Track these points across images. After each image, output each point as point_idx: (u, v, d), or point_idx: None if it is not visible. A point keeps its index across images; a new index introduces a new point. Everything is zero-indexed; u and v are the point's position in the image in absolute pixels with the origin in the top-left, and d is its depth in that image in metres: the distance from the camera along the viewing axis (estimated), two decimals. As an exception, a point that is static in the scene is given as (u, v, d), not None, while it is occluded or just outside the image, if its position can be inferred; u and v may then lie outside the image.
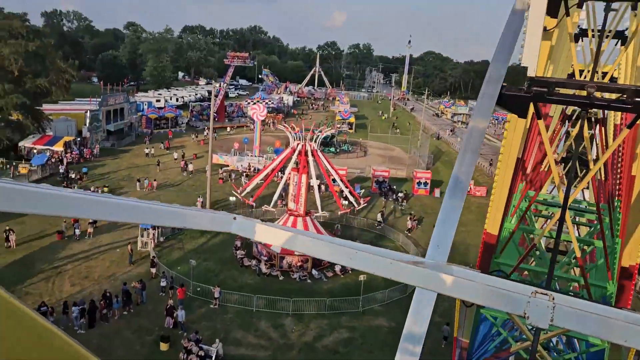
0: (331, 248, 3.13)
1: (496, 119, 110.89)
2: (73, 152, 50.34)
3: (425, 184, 47.88)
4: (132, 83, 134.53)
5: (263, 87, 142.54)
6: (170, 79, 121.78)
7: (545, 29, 4.95)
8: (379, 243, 35.25)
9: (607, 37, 6.97)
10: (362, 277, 26.54)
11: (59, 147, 49.62)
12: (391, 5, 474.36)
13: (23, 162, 45.37)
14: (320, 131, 31.78)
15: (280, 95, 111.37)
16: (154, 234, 31.31)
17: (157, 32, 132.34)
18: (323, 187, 41.24)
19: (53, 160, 47.89)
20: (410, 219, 38.61)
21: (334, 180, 31.86)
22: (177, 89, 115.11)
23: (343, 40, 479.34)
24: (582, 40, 10.52)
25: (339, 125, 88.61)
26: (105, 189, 41.86)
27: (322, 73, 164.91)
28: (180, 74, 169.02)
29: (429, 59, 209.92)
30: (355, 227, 38.03)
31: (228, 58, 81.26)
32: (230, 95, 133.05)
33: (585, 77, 8.25)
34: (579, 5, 5.68)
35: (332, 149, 65.28)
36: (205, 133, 73.10)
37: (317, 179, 32.25)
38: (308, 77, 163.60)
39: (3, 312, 1.87)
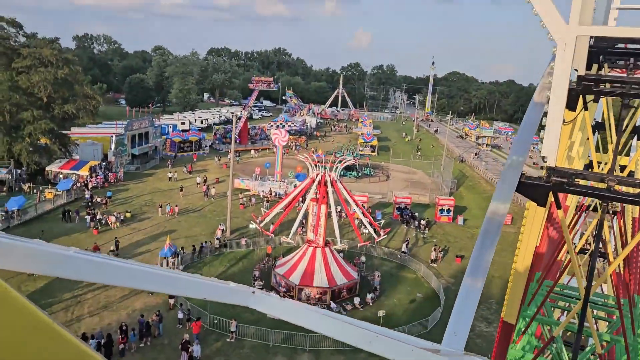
0: (351, 331, 3.40)
1: (506, 134, 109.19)
2: (98, 177, 51.11)
3: (448, 211, 46.98)
4: (159, 105, 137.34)
5: (286, 109, 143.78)
6: (195, 101, 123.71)
7: (564, 121, 4.68)
8: (399, 274, 34.53)
9: (624, 130, 6.58)
10: (381, 312, 25.86)
11: (84, 172, 50.49)
12: (416, 25, 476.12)
13: (49, 187, 46.20)
14: (341, 161, 31.47)
15: (303, 118, 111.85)
16: (173, 263, 31.24)
17: (183, 55, 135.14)
18: (343, 214, 40.78)
19: (78, 184, 48.70)
20: (435, 249, 37.67)
21: (353, 210, 31.38)
22: (201, 111, 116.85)
23: (367, 60, 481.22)
24: (599, 133, 10.14)
25: (361, 149, 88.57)
26: (128, 215, 42.29)
27: (345, 94, 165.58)
28: (206, 96, 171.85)
29: (453, 79, 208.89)
30: (377, 256, 37.37)
31: (252, 82, 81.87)
32: (254, 117, 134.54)
33: (602, 169, 7.94)
34: (596, 100, 5.41)
35: (355, 173, 64.93)
36: (228, 157, 73.71)
37: (336, 205, 31.81)
38: (331, 99, 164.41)
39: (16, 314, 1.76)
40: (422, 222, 44.11)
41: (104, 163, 54.61)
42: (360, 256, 33.95)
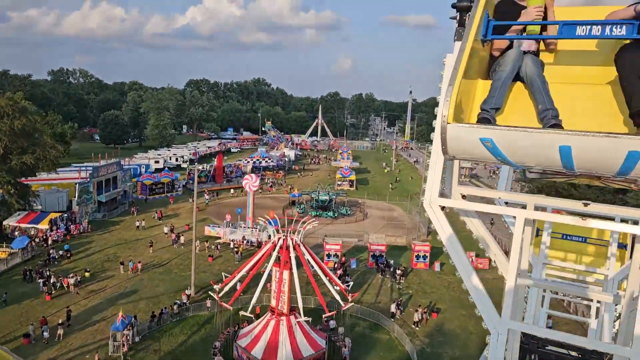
0: None
1: (499, 168, 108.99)
2: (58, 230, 48.70)
3: (424, 257, 45.44)
4: (135, 140, 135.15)
5: (266, 141, 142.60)
6: (172, 136, 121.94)
7: None
8: (372, 335, 32.62)
9: None
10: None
11: (44, 225, 48.10)
12: (395, 50, 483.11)
13: (4, 245, 43.66)
14: (304, 224, 29.81)
15: (281, 152, 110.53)
16: (127, 336, 28.97)
17: (158, 90, 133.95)
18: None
19: (37, 240, 46.26)
20: (418, 310, 35.21)
21: (318, 274, 29.56)
22: (177, 147, 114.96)
23: (347, 88, 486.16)
24: None
25: (339, 183, 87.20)
26: (87, 274, 39.92)
27: (324, 124, 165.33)
28: (185, 128, 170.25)
29: (432, 104, 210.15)
30: (350, 314, 35.41)
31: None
32: (232, 150, 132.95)
33: None
34: None
35: (331, 214, 63.32)
36: (205, 197, 71.70)
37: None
38: (311, 129, 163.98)
39: None
40: (398, 271, 42.42)
41: (66, 215, 52.24)
42: (329, 320, 31.94)
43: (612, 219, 5.06)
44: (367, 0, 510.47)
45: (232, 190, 77.36)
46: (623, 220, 5.97)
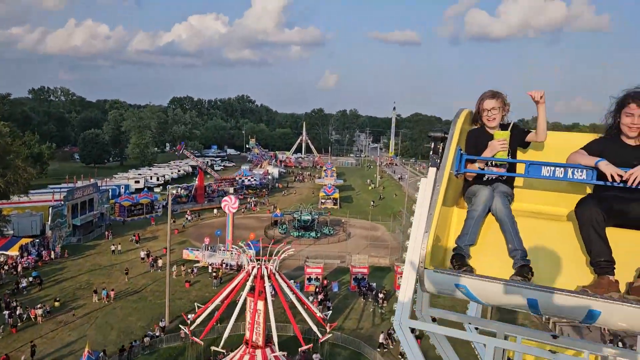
0: None
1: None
2: (29, 256, 46.94)
3: (408, 279, 44.42)
4: (117, 159, 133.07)
5: (250, 158, 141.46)
6: (154, 155, 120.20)
7: None
8: (353, 365, 31.46)
9: None
10: None
11: (13, 252, 46.33)
12: (379, 66, 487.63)
13: (-30, 274, 41.87)
14: (278, 253, 28.78)
15: (264, 170, 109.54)
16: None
17: (140, 108, 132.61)
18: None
19: (6, 268, 44.47)
20: (383, 332, 34.38)
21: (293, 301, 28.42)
22: (159, 166, 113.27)
23: (332, 103, 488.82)
24: None
25: (323, 201, 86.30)
26: (56, 304, 38.26)
27: (309, 141, 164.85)
28: (168, 146, 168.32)
29: (416, 120, 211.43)
30: (330, 341, 34.25)
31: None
32: (215, 168, 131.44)
33: None
34: None
35: (313, 234, 62.29)
36: (186, 217, 70.26)
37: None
38: (295, 146, 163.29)
39: None
40: (380, 294, 41.39)
41: (37, 240, 50.48)
42: (310, 353, 30.67)
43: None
44: (350, 17, 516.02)
45: (215, 210, 75.86)
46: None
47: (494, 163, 4.10)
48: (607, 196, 3.49)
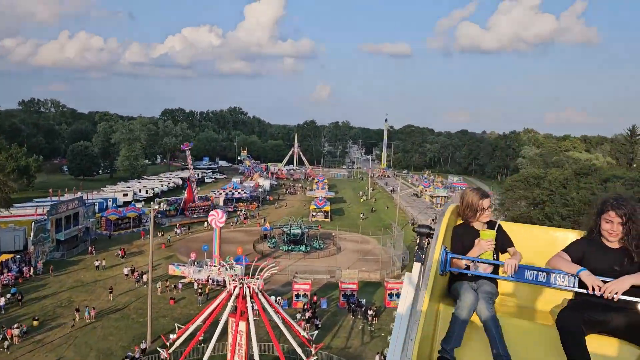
0: None
1: (460, 190, 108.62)
2: (9, 273, 45.63)
3: (398, 294, 43.52)
4: (107, 172, 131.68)
5: (241, 170, 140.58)
6: (144, 167, 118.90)
7: None
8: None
9: None
10: None
11: (-7, 269, 45.04)
12: (372, 78, 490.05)
13: (-54, 292, 40.51)
14: (261, 272, 27.85)
15: (254, 182, 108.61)
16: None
17: (130, 120, 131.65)
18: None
19: (-15, 285, 43.15)
20: (379, 353, 33.51)
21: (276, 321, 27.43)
22: (148, 179, 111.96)
23: (325, 115, 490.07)
24: None
25: (313, 214, 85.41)
26: (35, 323, 36.97)
27: (301, 153, 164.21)
28: (159, 158, 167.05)
29: (408, 131, 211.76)
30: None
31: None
32: (206, 180, 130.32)
33: None
34: None
35: (303, 248, 61.31)
36: (176, 231, 69.20)
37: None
38: (287, 158, 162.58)
39: None
40: (370, 311, 40.42)
41: (18, 256, 49.17)
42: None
43: None
44: (343, 29, 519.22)
45: (205, 223, 74.55)
46: None
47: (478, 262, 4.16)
48: (589, 304, 3.51)
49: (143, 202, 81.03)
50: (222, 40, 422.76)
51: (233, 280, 26.04)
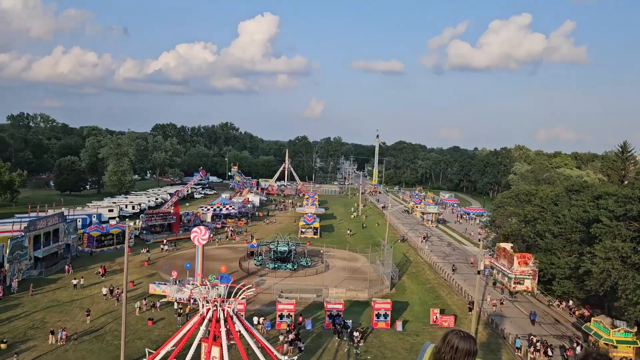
0: None
1: (467, 214, 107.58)
2: (-19, 292, 43.73)
3: (385, 315, 42.09)
4: (95, 187, 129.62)
5: (232, 186, 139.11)
6: (131, 183, 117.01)
7: None
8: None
9: None
10: None
11: (-36, 287, 43.12)
12: (365, 95, 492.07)
13: None
14: (236, 295, 26.39)
15: (243, 198, 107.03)
16: None
17: (118, 134, 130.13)
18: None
19: (-46, 305, 41.22)
20: None
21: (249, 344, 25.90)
22: (136, 194, 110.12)
23: (317, 131, 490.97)
24: None
25: (303, 230, 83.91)
26: (2, 346, 35.12)
27: (292, 169, 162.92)
28: (149, 174, 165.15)
29: (400, 148, 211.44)
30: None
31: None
32: (196, 196, 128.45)
33: None
34: None
35: (290, 266, 59.76)
36: (163, 248, 67.60)
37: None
38: (278, 173, 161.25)
39: None
40: (356, 333, 38.85)
41: (-7, 274, 47.30)
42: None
43: None
44: (336, 47, 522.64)
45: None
46: None
47: None
48: None
49: (117, 219, 79.19)
50: (216, 57, 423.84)
51: (206, 302, 24.57)
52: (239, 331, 24.34)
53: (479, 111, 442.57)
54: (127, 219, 67.45)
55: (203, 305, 24.77)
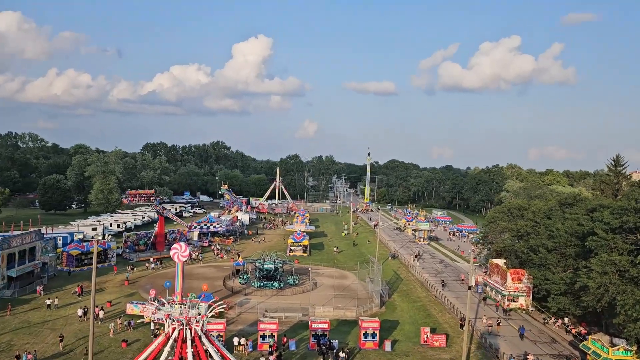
0: None
1: (460, 231, 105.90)
2: (-54, 314, 41.27)
3: (374, 335, 39.96)
4: (81, 206, 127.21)
5: (222, 204, 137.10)
6: (118, 201, 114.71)
7: None
8: None
9: None
10: None
11: None
12: (357, 115, 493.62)
13: None
14: (208, 308, 24.45)
15: (232, 216, 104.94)
16: None
17: (104, 153, 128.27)
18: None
19: None
20: None
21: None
22: (122, 213, 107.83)
23: (309, 150, 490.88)
24: None
25: (292, 248, 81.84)
26: (-38, 371, 32.73)
27: (283, 187, 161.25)
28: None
29: (392, 166, 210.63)
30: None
31: (127, 196, 75.93)
32: (184, 215, 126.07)
33: None
34: None
35: (276, 284, 57.51)
36: (151, 266, 65.54)
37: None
38: (269, 192, 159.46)
39: None
40: (341, 354, 36.68)
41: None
42: None
43: None
44: (329, 68, 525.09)
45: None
46: None
47: None
48: None
49: (111, 236, 76.99)
50: (210, 79, 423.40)
51: (171, 320, 22.58)
52: (207, 351, 22.29)
53: (471, 130, 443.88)
54: (94, 235, 65.26)
55: (169, 324, 22.77)
